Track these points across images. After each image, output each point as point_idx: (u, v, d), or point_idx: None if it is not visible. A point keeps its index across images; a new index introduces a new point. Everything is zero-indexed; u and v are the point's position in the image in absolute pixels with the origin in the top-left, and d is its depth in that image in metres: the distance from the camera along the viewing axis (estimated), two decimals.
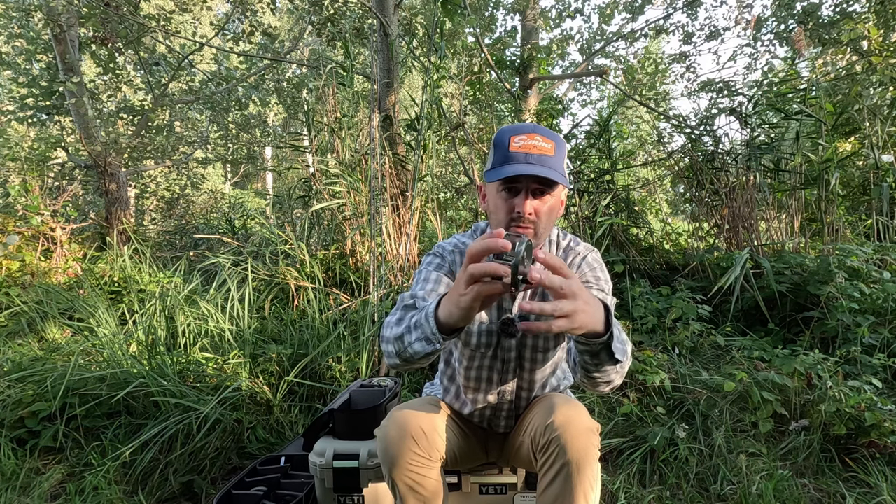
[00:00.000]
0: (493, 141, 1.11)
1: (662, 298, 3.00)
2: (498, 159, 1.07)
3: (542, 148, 1.05)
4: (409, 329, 0.99)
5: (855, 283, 2.54)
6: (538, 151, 1.04)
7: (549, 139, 1.06)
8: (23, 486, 1.82)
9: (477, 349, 1.21)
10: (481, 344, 1.20)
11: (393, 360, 1.07)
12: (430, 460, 1.06)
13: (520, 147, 1.05)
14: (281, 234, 3.49)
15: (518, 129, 1.08)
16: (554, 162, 1.05)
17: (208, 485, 1.86)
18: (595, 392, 1.13)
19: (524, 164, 1.03)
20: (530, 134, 1.06)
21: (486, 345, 1.20)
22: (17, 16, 6.11)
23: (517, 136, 1.05)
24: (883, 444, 1.80)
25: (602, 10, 8.46)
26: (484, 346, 1.20)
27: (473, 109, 5.12)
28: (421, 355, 0.97)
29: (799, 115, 3.50)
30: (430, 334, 0.92)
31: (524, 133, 1.06)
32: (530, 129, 1.08)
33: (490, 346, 1.20)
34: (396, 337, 1.02)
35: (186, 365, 2.28)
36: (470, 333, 1.20)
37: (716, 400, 2.14)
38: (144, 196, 8.25)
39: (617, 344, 0.89)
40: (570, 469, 0.98)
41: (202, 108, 7.26)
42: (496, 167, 1.07)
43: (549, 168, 1.04)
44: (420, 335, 0.95)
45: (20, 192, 4.39)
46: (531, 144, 1.04)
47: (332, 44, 5.79)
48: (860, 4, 5.42)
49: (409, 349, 0.99)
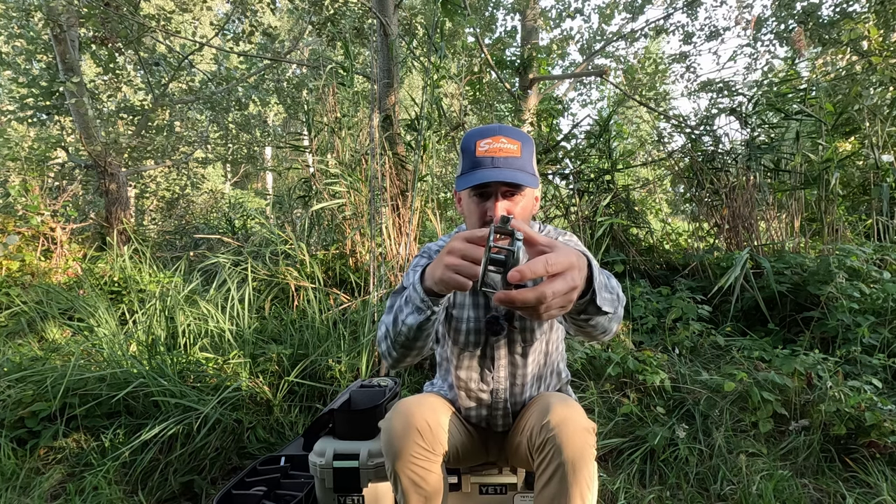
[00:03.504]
0: (460, 147, 1.11)
1: (662, 298, 3.00)
2: (466, 165, 1.08)
3: (508, 150, 1.05)
4: (400, 308, 1.00)
5: (855, 283, 2.54)
6: (504, 154, 1.05)
7: (514, 139, 1.06)
8: (23, 486, 1.82)
9: (465, 348, 1.21)
10: (469, 343, 1.21)
11: (391, 352, 1.07)
12: (434, 454, 1.06)
13: (486, 151, 1.05)
14: (281, 234, 3.49)
15: (483, 133, 1.08)
16: (521, 163, 1.06)
17: (208, 485, 1.86)
18: (597, 341, 1.10)
19: (491, 170, 1.04)
20: (495, 136, 1.06)
21: (473, 343, 1.21)
22: (17, 16, 6.11)
23: (482, 140, 1.06)
24: (883, 444, 1.79)
25: (602, 10, 8.46)
26: (472, 345, 1.21)
27: (473, 109, 5.12)
28: (415, 330, 0.98)
29: (799, 115, 3.50)
30: (419, 302, 0.94)
31: (489, 136, 1.06)
32: (494, 130, 1.08)
33: (478, 344, 1.21)
34: (390, 324, 1.04)
35: (186, 365, 2.27)
36: (458, 332, 1.21)
37: (716, 400, 2.14)
38: (144, 196, 8.25)
39: (604, 294, 0.84)
40: (566, 469, 0.98)
41: (202, 108, 7.26)
42: (465, 173, 1.07)
43: (515, 170, 1.04)
44: (411, 308, 0.97)
45: (20, 192, 4.39)
46: (497, 147, 1.05)
47: (332, 44, 5.79)
48: (860, 4, 5.42)
49: (402, 328, 0.99)
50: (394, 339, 1.04)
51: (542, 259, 0.67)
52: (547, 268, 0.67)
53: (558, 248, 0.72)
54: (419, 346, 1.05)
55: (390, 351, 1.07)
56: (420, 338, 1.01)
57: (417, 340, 1.02)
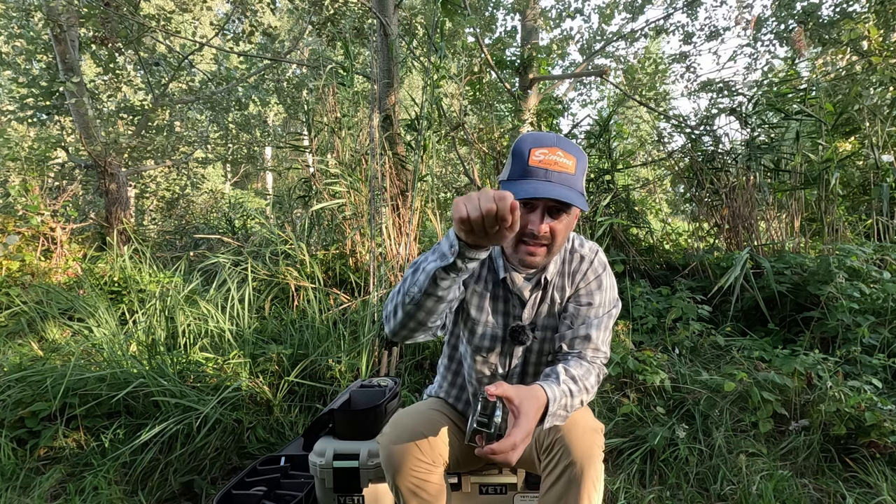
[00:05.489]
0: (511, 149, 1.05)
1: (662, 298, 3.00)
2: (516, 171, 1.02)
3: (564, 165, 0.99)
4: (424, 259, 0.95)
5: (855, 283, 2.54)
6: (559, 169, 0.99)
7: (570, 155, 1.01)
8: (23, 486, 1.82)
9: (478, 351, 1.20)
10: (483, 347, 1.20)
11: (396, 312, 1.01)
12: (433, 465, 1.07)
13: (540, 162, 0.99)
14: (281, 234, 3.49)
15: (539, 141, 1.01)
16: (574, 181, 1.01)
17: (208, 485, 1.86)
18: None
19: (544, 182, 0.98)
20: (552, 148, 1.00)
21: (488, 349, 1.20)
22: (17, 16, 6.12)
23: (538, 150, 1.00)
24: (883, 444, 1.79)
25: (602, 10, 8.45)
26: (486, 350, 1.20)
27: (473, 109, 5.12)
28: (430, 282, 0.91)
29: (799, 115, 3.49)
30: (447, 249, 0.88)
31: (546, 146, 1.00)
32: (552, 141, 1.02)
33: (493, 350, 1.20)
34: (408, 275, 0.98)
35: (186, 365, 2.27)
36: (473, 333, 1.20)
37: (716, 400, 2.14)
38: (144, 196, 8.25)
39: (555, 422, 0.96)
40: (574, 469, 0.98)
41: (202, 108, 7.26)
42: (514, 179, 1.01)
43: (569, 188, 0.99)
44: (436, 256, 0.91)
45: (20, 192, 4.39)
46: (552, 160, 0.99)
47: (332, 44, 5.79)
48: (860, 4, 5.41)
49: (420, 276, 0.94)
50: (405, 293, 0.97)
51: (510, 445, 0.83)
52: (513, 451, 0.84)
53: (521, 417, 0.86)
54: (427, 310, 0.97)
55: (396, 310, 1.01)
56: (433, 295, 0.94)
57: (429, 299, 0.94)
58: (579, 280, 1.16)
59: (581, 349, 1.10)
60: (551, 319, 1.17)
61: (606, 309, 1.15)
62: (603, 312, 1.14)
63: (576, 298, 1.16)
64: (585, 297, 1.15)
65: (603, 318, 1.13)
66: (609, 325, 1.14)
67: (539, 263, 1.08)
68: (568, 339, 1.12)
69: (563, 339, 1.13)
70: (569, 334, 1.12)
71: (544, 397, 0.92)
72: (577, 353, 1.10)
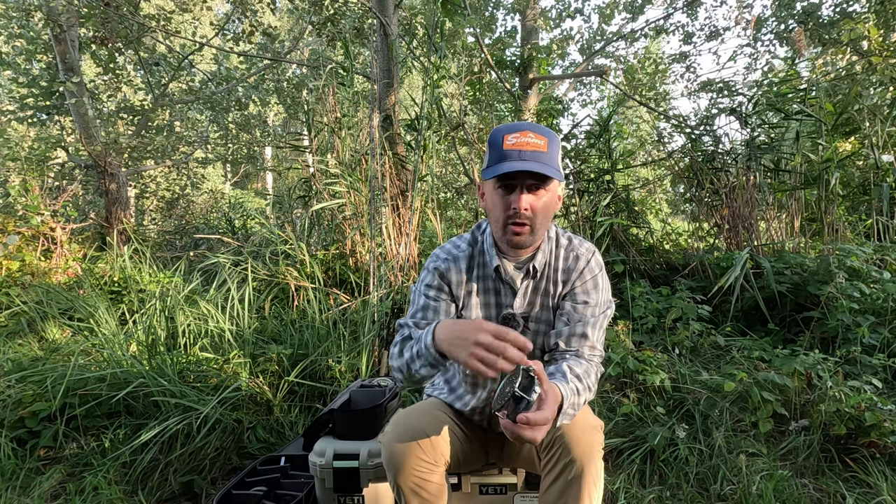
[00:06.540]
0: (488, 141, 1.14)
1: (662, 298, 3.00)
2: (493, 158, 1.10)
3: (535, 144, 1.07)
4: (412, 359, 1.08)
5: (855, 283, 2.54)
6: (531, 148, 1.07)
7: (541, 135, 1.09)
8: (23, 486, 1.82)
9: None
10: None
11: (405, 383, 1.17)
12: (435, 465, 1.08)
13: (513, 145, 1.07)
14: (281, 234, 3.49)
15: (511, 128, 1.11)
16: (547, 157, 1.08)
17: (208, 485, 1.86)
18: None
19: (518, 161, 1.06)
20: (523, 132, 1.09)
21: None
22: (17, 16, 6.11)
23: (510, 135, 1.08)
24: (883, 444, 1.79)
25: (602, 10, 8.45)
26: None
27: (473, 109, 5.12)
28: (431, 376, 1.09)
29: (799, 115, 3.49)
30: (432, 360, 1.03)
31: (517, 131, 1.09)
32: (523, 126, 1.11)
33: None
34: (402, 366, 1.12)
35: (186, 365, 2.27)
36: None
37: (716, 400, 2.14)
38: (144, 196, 8.25)
39: (564, 420, 0.98)
40: (574, 467, 0.99)
41: (202, 108, 7.26)
42: (491, 165, 1.10)
43: (542, 163, 1.06)
44: (424, 362, 1.05)
45: (20, 192, 4.39)
46: (524, 142, 1.07)
47: (332, 44, 5.79)
48: (860, 4, 5.42)
49: (416, 375, 1.09)
50: (408, 378, 1.13)
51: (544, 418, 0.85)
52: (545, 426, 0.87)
53: (549, 400, 0.88)
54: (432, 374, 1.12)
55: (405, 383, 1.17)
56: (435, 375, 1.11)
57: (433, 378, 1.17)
58: (575, 278, 1.19)
59: (578, 347, 1.14)
60: (546, 313, 1.21)
61: (602, 309, 1.19)
62: (599, 312, 1.18)
63: (572, 297, 1.19)
64: (582, 296, 1.18)
65: (599, 318, 1.17)
66: (604, 324, 1.18)
67: (525, 242, 1.14)
68: (565, 336, 1.15)
69: (559, 336, 1.16)
70: (566, 331, 1.15)
71: (559, 394, 0.95)
72: (574, 350, 1.14)
